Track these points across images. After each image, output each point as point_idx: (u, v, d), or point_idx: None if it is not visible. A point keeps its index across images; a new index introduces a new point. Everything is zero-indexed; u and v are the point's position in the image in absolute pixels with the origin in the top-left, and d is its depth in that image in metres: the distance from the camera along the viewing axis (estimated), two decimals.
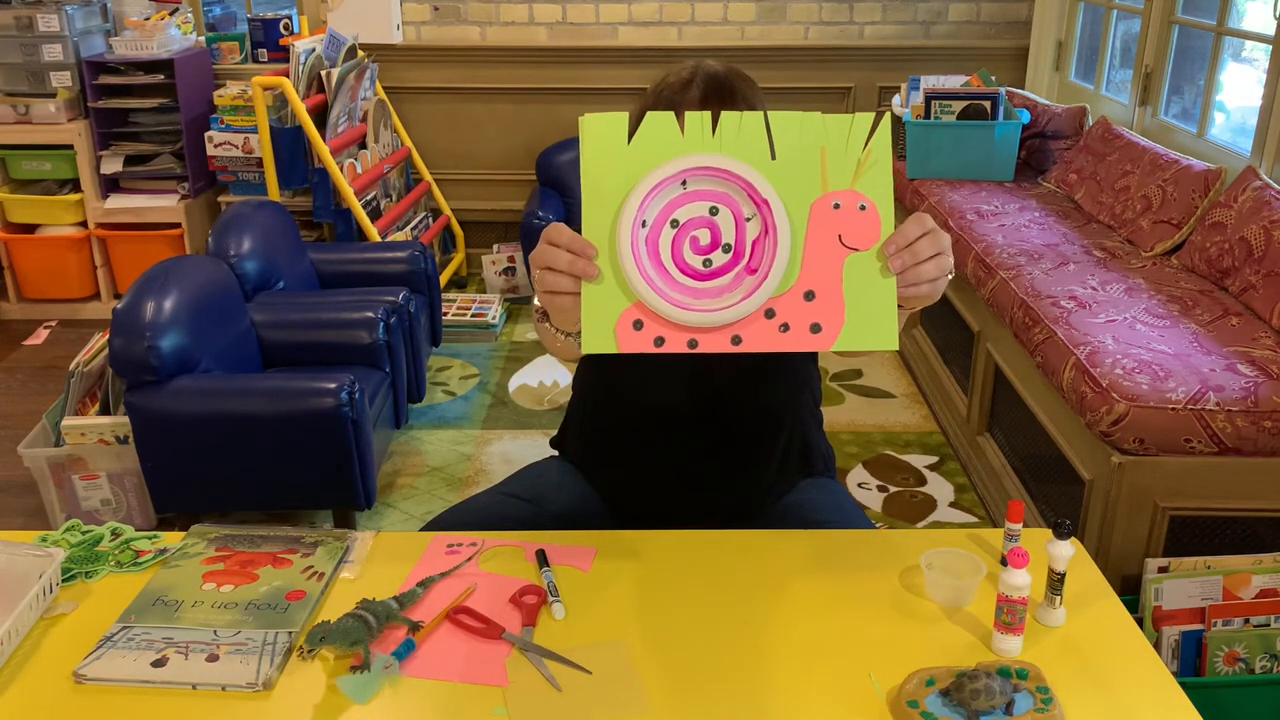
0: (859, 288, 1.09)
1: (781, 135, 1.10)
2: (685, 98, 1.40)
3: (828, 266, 1.09)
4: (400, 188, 4.39)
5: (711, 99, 1.38)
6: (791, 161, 1.10)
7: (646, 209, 1.11)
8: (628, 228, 1.10)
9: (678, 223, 1.11)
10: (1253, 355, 2.17)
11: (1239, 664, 1.89)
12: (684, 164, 1.10)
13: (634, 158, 1.11)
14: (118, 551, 1.41)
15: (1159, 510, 2.07)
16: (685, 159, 1.09)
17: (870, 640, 1.25)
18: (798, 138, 1.10)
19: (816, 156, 1.09)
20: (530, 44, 4.46)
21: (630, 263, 1.10)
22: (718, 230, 1.10)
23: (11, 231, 4.15)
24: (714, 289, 1.10)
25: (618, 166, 1.11)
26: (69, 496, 2.64)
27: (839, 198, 1.09)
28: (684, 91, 1.40)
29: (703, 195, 1.10)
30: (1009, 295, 2.64)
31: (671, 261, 1.11)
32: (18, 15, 3.90)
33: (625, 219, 1.11)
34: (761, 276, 1.09)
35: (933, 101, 3.67)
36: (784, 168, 1.10)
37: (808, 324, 1.08)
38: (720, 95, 1.39)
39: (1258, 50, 3.07)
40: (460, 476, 3.03)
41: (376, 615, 1.23)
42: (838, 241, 1.09)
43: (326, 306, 3.04)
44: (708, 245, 1.10)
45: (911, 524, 2.80)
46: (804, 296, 1.08)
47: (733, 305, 1.09)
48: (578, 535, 1.46)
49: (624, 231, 1.10)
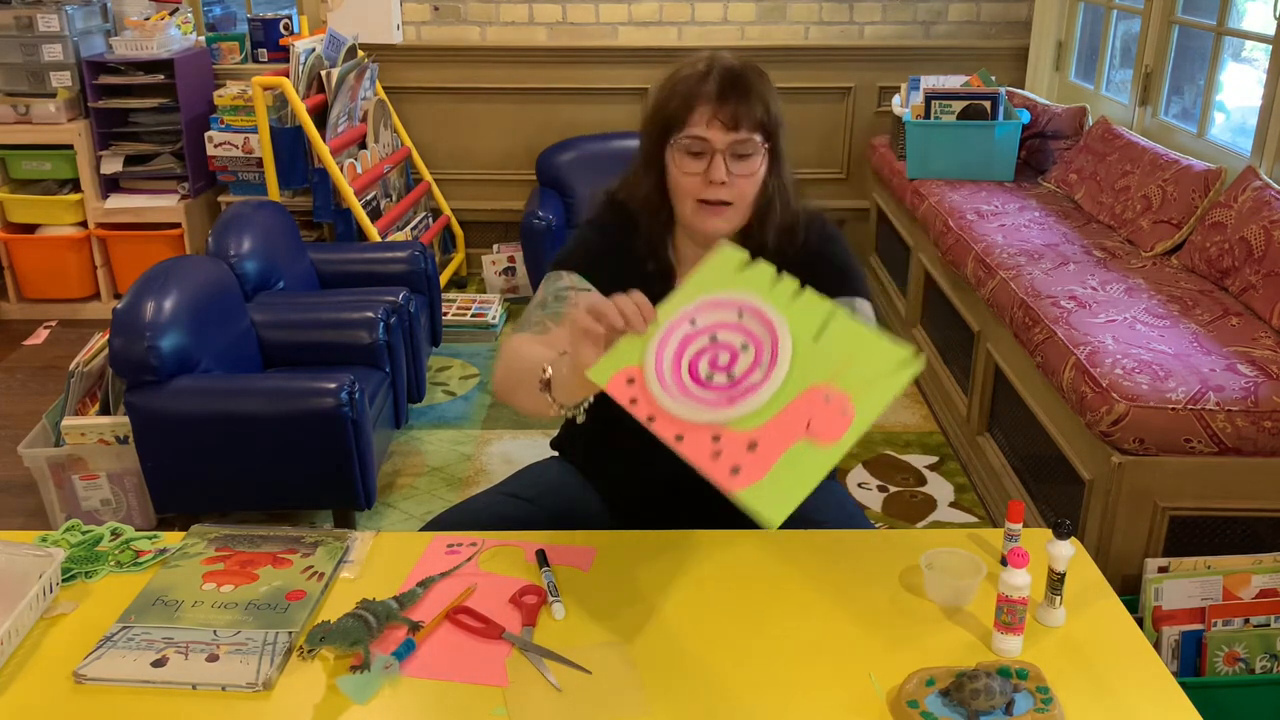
0: (789, 465, 1.14)
1: (836, 332, 1.21)
2: (702, 90, 1.43)
3: (782, 436, 1.16)
4: (400, 188, 4.39)
5: (728, 92, 1.42)
6: (824, 349, 1.20)
7: (701, 315, 1.25)
8: (680, 317, 1.25)
9: (715, 338, 1.23)
10: (1253, 355, 2.17)
11: (1239, 664, 1.89)
12: (750, 301, 1.24)
13: (726, 277, 1.26)
14: (118, 551, 1.41)
15: (1159, 510, 2.07)
16: (754, 298, 1.24)
17: (870, 640, 1.25)
18: (844, 341, 1.21)
19: (845, 356, 1.20)
20: (530, 44, 4.46)
21: (657, 341, 1.24)
22: (735, 360, 1.21)
23: (11, 231, 4.15)
24: (697, 396, 1.20)
25: (715, 279, 1.26)
26: (69, 496, 2.64)
27: (833, 394, 1.17)
28: (701, 84, 1.43)
29: (746, 331, 1.23)
30: (1009, 295, 2.64)
31: (688, 360, 1.23)
32: (18, 15, 3.90)
33: (683, 311, 1.25)
34: (731, 405, 1.19)
35: (933, 101, 3.67)
36: (815, 349, 1.20)
37: (733, 464, 1.15)
38: (736, 89, 1.43)
39: (1258, 50, 3.07)
40: (460, 476, 3.03)
41: (376, 615, 1.23)
42: (805, 424, 1.16)
43: (326, 306, 3.04)
44: (722, 365, 1.21)
45: (911, 524, 2.80)
46: (748, 445, 1.16)
47: (698, 412, 1.19)
48: (578, 535, 1.47)
49: (675, 318, 1.25)
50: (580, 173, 4.35)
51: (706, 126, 1.43)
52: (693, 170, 1.45)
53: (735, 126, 1.42)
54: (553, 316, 1.51)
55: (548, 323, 1.51)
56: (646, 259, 1.55)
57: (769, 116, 1.45)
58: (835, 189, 4.59)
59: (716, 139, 1.43)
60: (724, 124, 1.42)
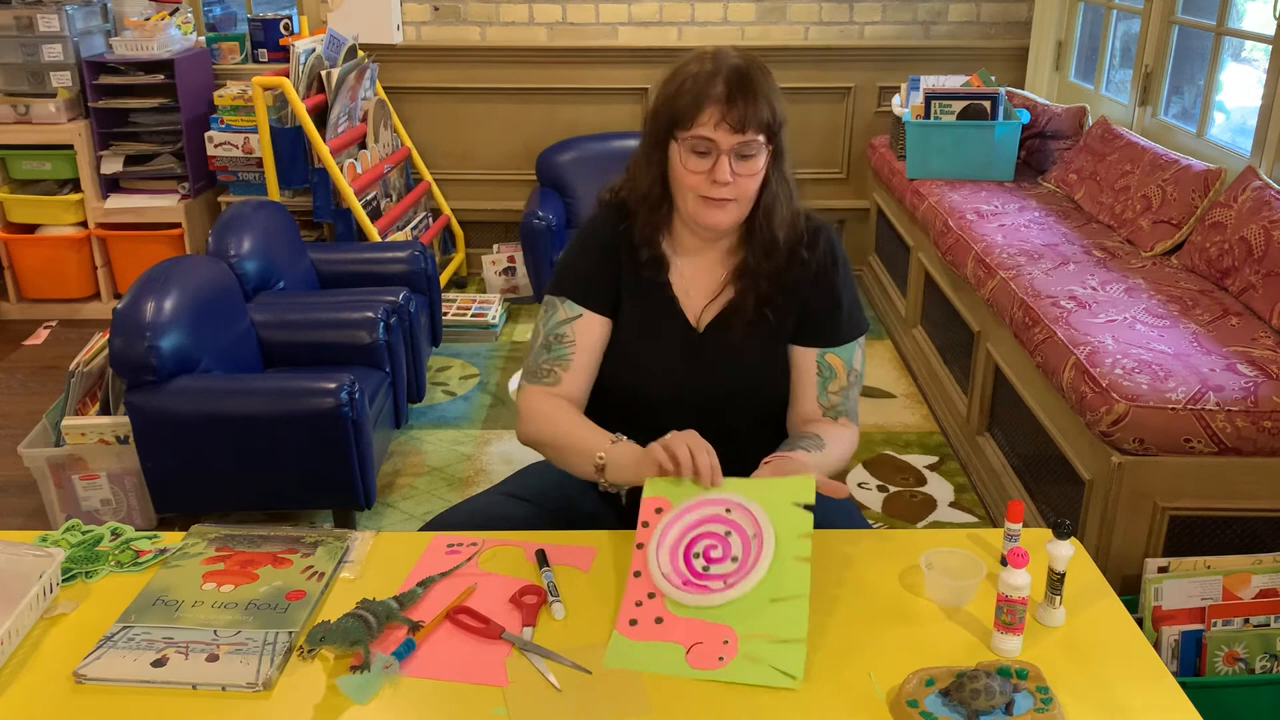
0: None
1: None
2: (711, 91, 1.44)
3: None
4: (400, 188, 4.39)
5: (736, 94, 1.43)
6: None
7: (723, 504, 1.35)
8: (718, 501, 1.35)
9: (714, 527, 1.34)
10: (1252, 355, 2.17)
11: (1239, 664, 1.89)
12: (748, 507, 1.34)
13: (781, 501, 1.34)
14: (118, 551, 1.41)
15: (1159, 510, 2.07)
16: (752, 506, 1.34)
17: (870, 640, 1.25)
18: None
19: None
20: (530, 44, 4.46)
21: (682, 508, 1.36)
22: (727, 554, 1.31)
23: (11, 231, 4.15)
24: (694, 580, 1.29)
25: (773, 498, 1.35)
26: (69, 496, 2.64)
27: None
28: (709, 85, 1.44)
29: (735, 525, 1.33)
30: (1009, 295, 2.64)
31: (687, 541, 1.32)
32: (18, 15, 3.90)
33: (727, 498, 1.35)
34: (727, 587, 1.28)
35: (933, 101, 3.67)
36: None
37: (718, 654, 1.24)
38: (744, 91, 1.44)
39: (1257, 50, 3.07)
40: (460, 476, 3.03)
41: (376, 615, 1.23)
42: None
43: (326, 306, 3.04)
44: (716, 557, 1.31)
45: (911, 524, 2.80)
46: (723, 639, 1.25)
47: (702, 596, 1.28)
48: (578, 535, 1.47)
49: (712, 498, 1.35)
50: (580, 173, 4.35)
51: (714, 128, 1.44)
52: (697, 169, 1.46)
53: (742, 129, 1.43)
54: (560, 362, 1.56)
55: (557, 370, 1.56)
56: (641, 247, 1.57)
57: (774, 117, 1.46)
58: (835, 189, 4.59)
59: (723, 140, 1.44)
60: (731, 126, 1.43)
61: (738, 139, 1.44)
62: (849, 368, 1.60)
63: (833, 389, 1.59)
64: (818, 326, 1.59)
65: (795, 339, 1.59)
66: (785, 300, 1.57)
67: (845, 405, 1.60)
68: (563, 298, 1.59)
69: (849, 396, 1.61)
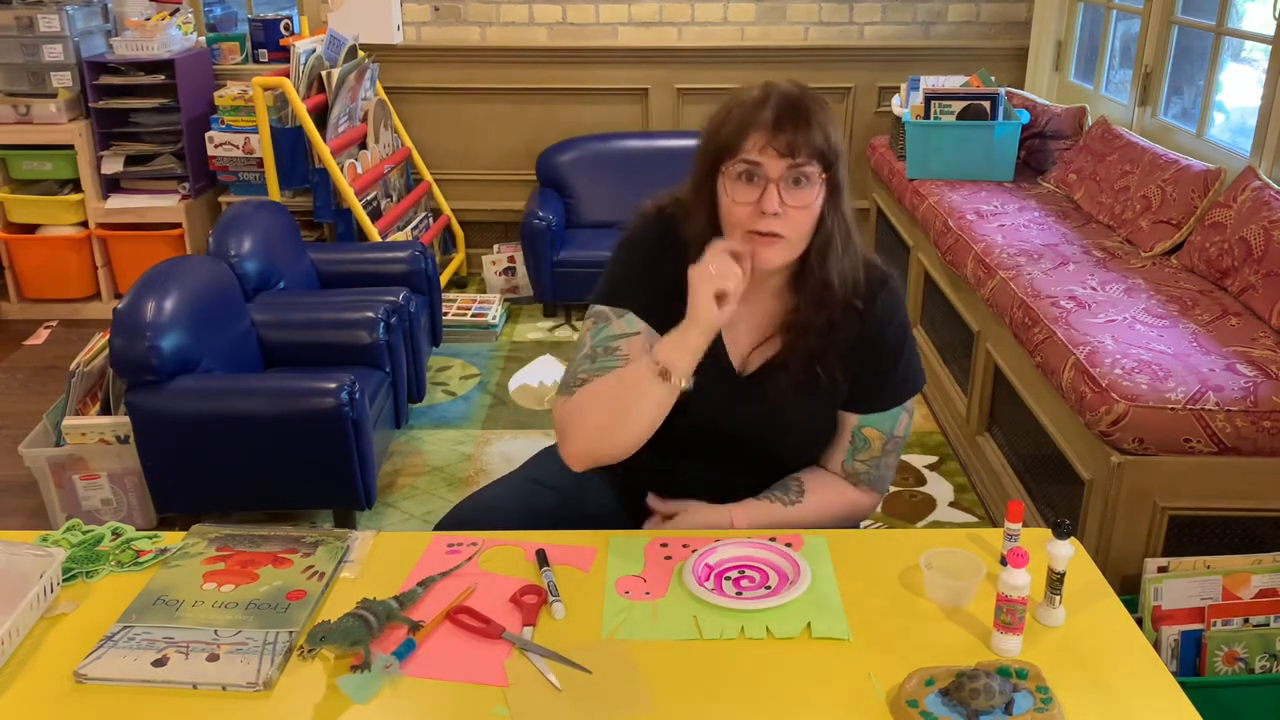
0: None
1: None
2: (758, 117, 1.37)
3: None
4: (400, 188, 4.40)
5: (785, 119, 1.36)
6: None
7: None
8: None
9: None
10: (1252, 355, 2.17)
11: (1238, 664, 1.89)
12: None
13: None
14: (118, 551, 1.41)
15: (1158, 510, 2.07)
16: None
17: (870, 640, 1.25)
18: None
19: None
20: (530, 44, 4.46)
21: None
22: (761, 583, 1.36)
23: (12, 231, 4.15)
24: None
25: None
26: (69, 496, 2.64)
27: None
28: (758, 110, 1.37)
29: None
30: (1009, 295, 2.64)
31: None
32: (18, 15, 3.90)
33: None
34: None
35: (932, 102, 3.67)
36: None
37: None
38: (793, 116, 1.36)
39: (1257, 50, 3.07)
40: (460, 476, 3.03)
41: (377, 615, 1.23)
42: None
43: (327, 306, 3.04)
44: (753, 583, 1.36)
45: (911, 524, 2.80)
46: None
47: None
48: (578, 535, 1.47)
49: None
50: (580, 173, 4.36)
51: (760, 153, 1.36)
52: (744, 199, 1.38)
53: (791, 154, 1.35)
54: (599, 373, 1.46)
55: (594, 380, 1.46)
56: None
57: (828, 145, 1.37)
58: None
59: (770, 166, 1.36)
60: (778, 151, 1.35)
61: (786, 163, 1.35)
62: (888, 436, 1.52)
63: (861, 458, 1.52)
64: (862, 391, 1.51)
65: (844, 404, 1.51)
66: (839, 360, 1.48)
67: (871, 475, 1.54)
68: (620, 310, 1.49)
69: (879, 465, 1.54)
